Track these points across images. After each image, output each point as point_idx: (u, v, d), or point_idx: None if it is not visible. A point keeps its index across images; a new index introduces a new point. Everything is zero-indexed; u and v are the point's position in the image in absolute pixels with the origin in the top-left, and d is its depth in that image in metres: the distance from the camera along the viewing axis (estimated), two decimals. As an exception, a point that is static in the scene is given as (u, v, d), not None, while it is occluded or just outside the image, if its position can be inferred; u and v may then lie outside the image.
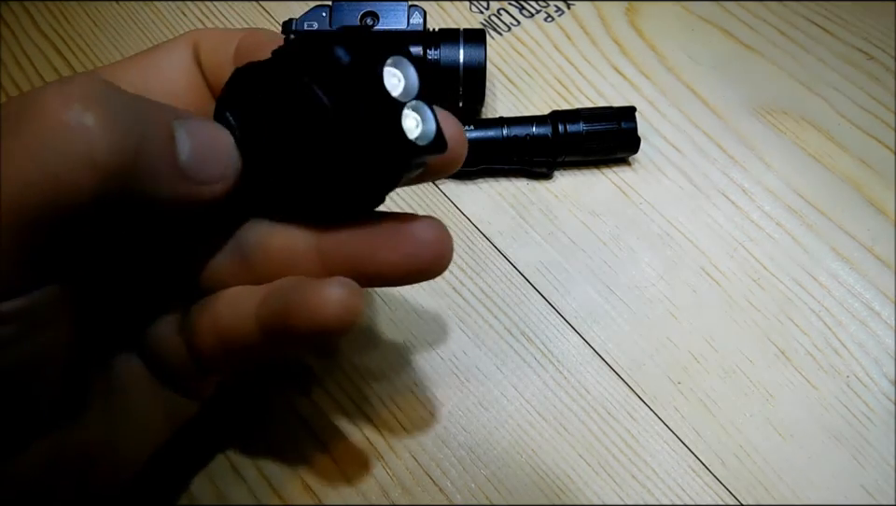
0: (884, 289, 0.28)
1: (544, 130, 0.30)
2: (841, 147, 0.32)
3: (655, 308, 0.28)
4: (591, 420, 0.26)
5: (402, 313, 0.27)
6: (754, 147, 0.32)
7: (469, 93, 0.30)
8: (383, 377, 0.26)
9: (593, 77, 0.34)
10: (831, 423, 0.26)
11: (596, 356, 0.27)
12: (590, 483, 0.24)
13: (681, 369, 0.27)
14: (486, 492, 0.24)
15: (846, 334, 0.27)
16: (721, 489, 0.24)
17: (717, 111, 0.33)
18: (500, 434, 0.25)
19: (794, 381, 0.26)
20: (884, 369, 0.27)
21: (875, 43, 0.35)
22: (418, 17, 0.30)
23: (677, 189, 0.31)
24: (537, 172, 0.31)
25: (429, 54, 0.29)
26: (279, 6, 0.37)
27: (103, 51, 0.35)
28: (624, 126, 0.30)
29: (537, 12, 0.37)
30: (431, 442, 0.25)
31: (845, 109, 0.33)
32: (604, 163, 0.31)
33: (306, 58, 0.16)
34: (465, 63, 0.29)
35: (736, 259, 0.29)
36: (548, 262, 0.29)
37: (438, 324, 0.27)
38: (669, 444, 0.25)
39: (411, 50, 0.17)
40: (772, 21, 0.36)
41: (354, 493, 0.24)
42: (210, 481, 0.24)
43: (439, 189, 0.31)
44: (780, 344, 0.27)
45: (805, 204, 0.30)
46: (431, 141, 0.16)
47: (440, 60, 0.29)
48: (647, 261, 0.29)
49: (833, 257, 0.29)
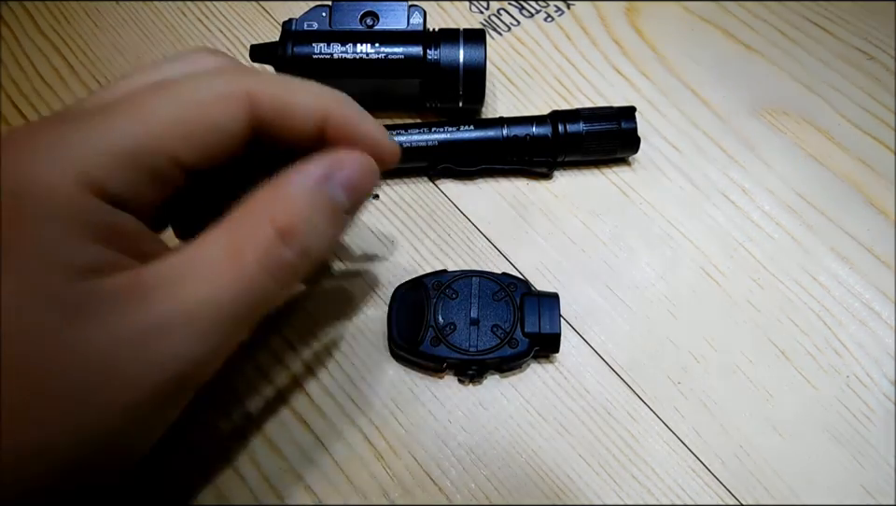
0: (884, 289, 0.28)
1: (544, 130, 0.30)
2: (841, 147, 0.32)
3: (655, 308, 0.28)
4: (591, 420, 0.26)
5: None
6: (754, 147, 0.32)
7: (469, 93, 0.30)
8: (383, 376, 0.26)
9: (593, 77, 0.34)
10: (831, 423, 0.26)
11: (596, 356, 0.27)
12: (590, 483, 0.24)
13: (681, 369, 0.27)
14: (486, 492, 0.24)
15: (846, 334, 0.27)
16: (721, 489, 0.24)
17: (717, 111, 0.33)
18: (500, 434, 0.25)
19: (794, 381, 0.26)
20: (884, 369, 0.27)
21: (875, 43, 0.35)
22: (418, 17, 0.30)
23: (677, 189, 0.31)
24: (537, 172, 0.31)
25: (429, 54, 0.29)
26: (279, 6, 0.37)
27: (103, 51, 0.35)
28: (624, 126, 0.30)
29: (537, 12, 0.37)
30: (431, 442, 0.25)
31: (845, 109, 0.33)
32: (604, 163, 0.31)
33: None
34: (465, 63, 0.29)
35: (736, 259, 0.29)
36: (548, 262, 0.29)
37: (438, 324, 0.27)
38: (669, 444, 0.25)
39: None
40: (772, 21, 0.36)
41: (354, 493, 0.24)
42: (210, 481, 0.24)
43: (439, 189, 0.31)
44: (780, 344, 0.27)
45: (805, 204, 0.30)
46: None
47: (439, 60, 0.29)
48: (647, 261, 0.29)
49: (833, 257, 0.29)
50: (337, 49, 0.29)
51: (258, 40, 0.35)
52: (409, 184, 0.31)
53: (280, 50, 0.29)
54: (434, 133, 0.29)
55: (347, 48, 0.29)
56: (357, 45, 0.29)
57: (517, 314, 0.26)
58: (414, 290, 0.26)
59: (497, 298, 0.26)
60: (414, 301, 0.26)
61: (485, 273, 0.27)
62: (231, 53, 0.35)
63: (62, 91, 0.34)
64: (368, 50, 0.29)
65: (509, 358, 0.25)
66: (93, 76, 0.34)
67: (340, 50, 0.29)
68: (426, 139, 0.29)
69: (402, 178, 0.31)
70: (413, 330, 0.26)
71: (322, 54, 0.29)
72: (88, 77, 0.34)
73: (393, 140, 0.22)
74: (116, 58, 0.35)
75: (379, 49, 0.29)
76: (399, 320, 0.26)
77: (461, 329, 0.26)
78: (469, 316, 0.26)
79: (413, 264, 0.29)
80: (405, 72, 0.29)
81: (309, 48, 0.29)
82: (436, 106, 0.31)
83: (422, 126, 0.30)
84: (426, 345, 0.25)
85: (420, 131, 0.29)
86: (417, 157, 0.30)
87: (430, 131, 0.29)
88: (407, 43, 0.29)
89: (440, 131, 0.29)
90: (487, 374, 0.26)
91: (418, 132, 0.29)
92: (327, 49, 0.29)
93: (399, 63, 0.29)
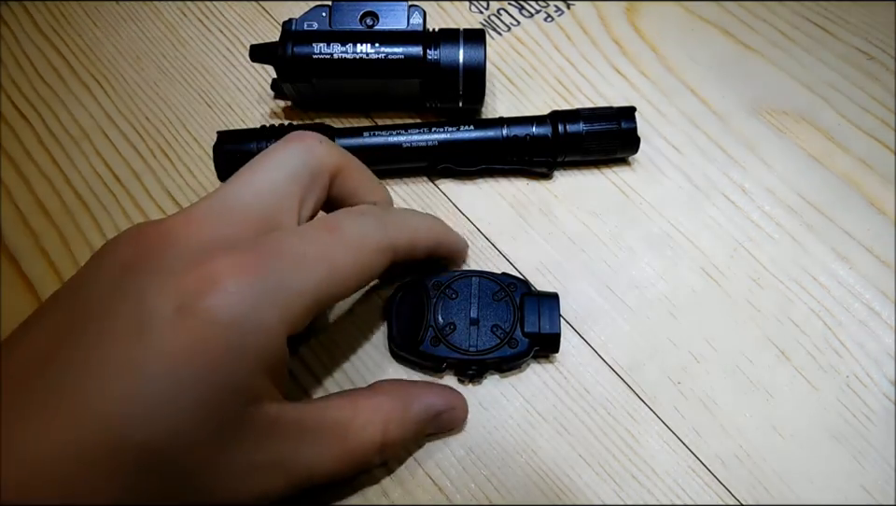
0: (884, 289, 0.28)
1: (544, 130, 0.30)
2: (841, 147, 0.32)
3: (655, 308, 0.28)
4: (591, 420, 0.26)
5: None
6: (754, 147, 0.32)
7: (469, 93, 0.30)
8: (382, 376, 0.26)
9: (593, 77, 0.34)
10: (831, 423, 0.26)
11: (596, 356, 0.27)
12: (590, 483, 0.24)
13: (681, 369, 0.27)
14: (486, 492, 0.24)
15: (846, 334, 0.27)
16: (721, 489, 0.24)
17: (717, 111, 0.33)
18: (500, 434, 0.25)
19: (794, 381, 0.26)
20: (884, 369, 0.27)
21: (875, 43, 0.35)
22: (418, 17, 0.30)
23: (677, 189, 0.31)
24: (537, 172, 0.31)
25: (429, 54, 0.29)
26: (279, 6, 0.37)
27: (103, 51, 0.35)
28: (624, 126, 0.30)
29: (536, 12, 0.37)
30: (431, 442, 0.25)
31: (845, 109, 0.33)
32: (604, 163, 0.31)
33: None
34: (465, 64, 0.29)
35: (736, 259, 0.29)
36: (548, 262, 0.29)
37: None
38: (669, 444, 0.25)
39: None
40: (772, 21, 0.36)
41: (354, 493, 0.24)
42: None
43: (439, 189, 0.31)
44: (780, 344, 0.27)
45: (805, 204, 0.30)
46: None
47: (439, 60, 0.29)
48: (647, 261, 0.29)
49: (833, 257, 0.29)
50: (337, 49, 0.29)
51: (258, 40, 0.35)
52: (409, 184, 0.31)
53: (280, 50, 0.29)
54: (434, 133, 0.29)
55: (347, 48, 0.29)
56: (357, 45, 0.29)
57: (517, 314, 0.26)
58: (414, 290, 0.26)
59: (496, 298, 0.26)
60: (414, 301, 0.26)
61: (485, 272, 0.27)
62: (231, 53, 0.35)
63: (62, 90, 0.34)
64: (368, 50, 0.29)
65: (509, 358, 0.25)
66: (93, 76, 0.34)
67: (340, 50, 0.29)
68: (426, 139, 0.29)
69: (402, 178, 0.31)
70: (412, 330, 0.26)
71: (322, 54, 0.29)
72: (88, 77, 0.34)
73: (466, 243, 0.28)
74: (116, 58, 0.35)
75: (379, 49, 0.29)
76: (399, 320, 0.26)
77: (461, 329, 0.26)
78: (468, 315, 0.26)
79: (413, 264, 0.29)
80: (405, 72, 0.29)
81: (309, 48, 0.29)
82: (436, 106, 0.31)
83: (422, 126, 0.30)
84: (426, 345, 0.25)
85: (420, 131, 0.29)
86: (417, 157, 0.30)
87: (430, 131, 0.29)
88: (407, 43, 0.29)
89: (440, 131, 0.29)
90: (487, 374, 0.26)
91: (418, 132, 0.29)
92: (327, 49, 0.29)
93: (399, 63, 0.29)
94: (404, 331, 0.26)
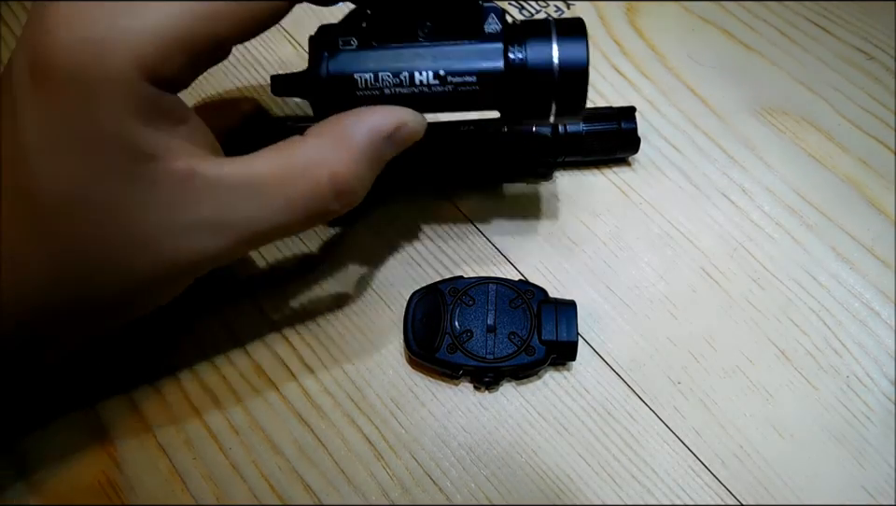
0: (884, 289, 0.28)
1: (544, 130, 0.30)
2: (841, 147, 0.32)
3: (655, 308, 0.28)
4: (591, 420, 0.26)
5: (402, 312, 0.27)
6: (754, 147, 0.32)
7: (566, 103, 0.23)
8: (382, 376, 0.26)
9: (593, 77, 0.34)
10: (831, 423, 0.26)
11: (596, 356, 0.27)
12: (590, 483, 0.24)
13: (681, 369, 0.27)
14: (486, 492, 0.24)
15: (846, 334, 0.27)
16: (721, 489, 0.24)
17: (717, 111, 0.33)
18: (500, 434, 0.25)
19: (794, 381, 0.26)
20: (884, 369, 0.27)
21: (875, 43, 0.35)
22: (495, 22, 0.22)
23: (677, 189, 0.31)
24: (537, 172, 0.31)
25: (511, 54, 0.22)
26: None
27: (103, 51, 0.35)
28: (624, 126, 0.30)
29: (536, 12, 0.37)
30: (431, 442, 0.25)
31: (845, 109, 0.33)
32: (604, 163, 0.31)
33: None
34: (561, 64, 0.22)
35: (736, 259, 0.29)
36: (548, 262, 0.29)
37: (438, 324, 0.27)
38: (669, 444, 0.25)
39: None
40: (772, 20, 0.36)
41: (354, 493, 0.24)
42: (210, 481, 0.24)
43: (439, 189, 0.31)
44: (780, 344, 0.27)
45: (805, 204, 0.30)
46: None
47: (526, 61, 0.22)
48: (647, 261, 0.29)
49: (834, 257, 0.29)
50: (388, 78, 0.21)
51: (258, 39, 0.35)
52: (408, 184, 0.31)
53: (311, 80, 0.22)
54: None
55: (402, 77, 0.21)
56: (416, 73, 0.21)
57: (534, 321, 0.26)
58: (430, 296, 0.26)
59: (514, 305, 0.26)
60: (430, 307, 0.26)
61: (502, 279, 0.27)
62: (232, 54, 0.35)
63: (62, 91, 0.34)
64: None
65: (526, 366, 0.25)
66: (93, 76, 0.34)
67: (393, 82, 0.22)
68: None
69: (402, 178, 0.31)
70: (429, 336, 0.26)
71: (370, 90, 0.22)
72: (88, 77, 0.34)
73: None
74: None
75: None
76: (415, 327, 0.26)
77: (478, 336, 0.25)
78: (485, 323, 0.26)
79: (413, 264, 0.29)
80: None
81: (349, 79, 0.21)
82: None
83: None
84: (442, 352, 0.25)
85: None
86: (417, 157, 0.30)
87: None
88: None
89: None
90: (503, 382, 0.26)
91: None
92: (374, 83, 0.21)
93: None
94: (421, 338, 0.26)
